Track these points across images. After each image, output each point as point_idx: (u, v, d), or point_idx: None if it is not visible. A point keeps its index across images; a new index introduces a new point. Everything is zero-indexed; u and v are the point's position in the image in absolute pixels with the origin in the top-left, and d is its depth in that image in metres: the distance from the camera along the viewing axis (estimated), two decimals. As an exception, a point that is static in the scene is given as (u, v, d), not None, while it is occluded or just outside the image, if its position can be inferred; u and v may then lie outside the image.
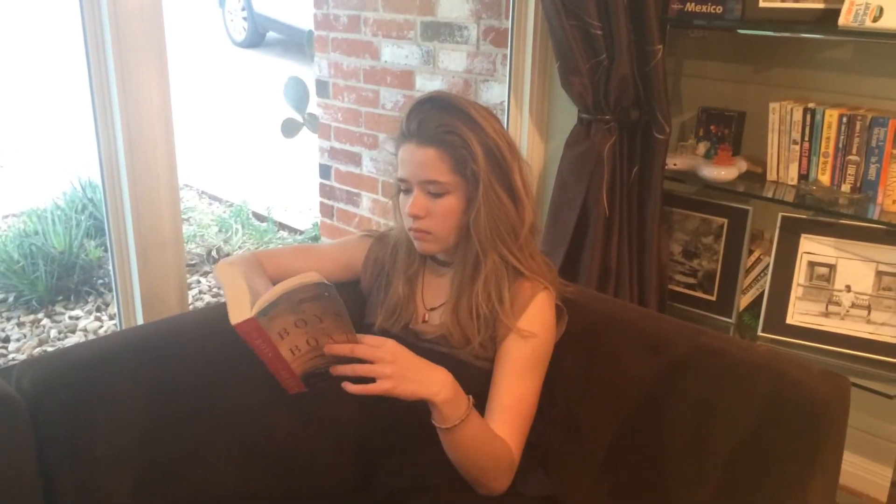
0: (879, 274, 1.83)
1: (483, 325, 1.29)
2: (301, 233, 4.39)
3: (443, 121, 1.24)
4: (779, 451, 1.18)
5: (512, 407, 1.26)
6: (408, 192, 1.29)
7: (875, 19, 1.60)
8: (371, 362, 1.07)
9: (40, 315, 3.39)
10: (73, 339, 3.25)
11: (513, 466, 1.24)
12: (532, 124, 2.28)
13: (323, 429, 1.45)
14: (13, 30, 7.04)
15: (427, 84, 2.92)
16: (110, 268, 1.70)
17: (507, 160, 1.26)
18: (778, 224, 1.93)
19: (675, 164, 2.02)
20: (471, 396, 1.16)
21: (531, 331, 1.28)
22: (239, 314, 0.96)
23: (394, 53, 3.00)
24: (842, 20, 1.65)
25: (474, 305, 1.28)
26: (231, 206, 4.75)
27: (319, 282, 0.97)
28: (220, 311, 1.40)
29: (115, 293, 1.70)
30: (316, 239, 4.05)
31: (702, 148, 2.07)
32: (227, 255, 4.03)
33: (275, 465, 1.40)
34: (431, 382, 1.11)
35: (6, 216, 4.28)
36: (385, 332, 1.35)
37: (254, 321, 0.96)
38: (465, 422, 1.14)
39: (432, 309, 1.36)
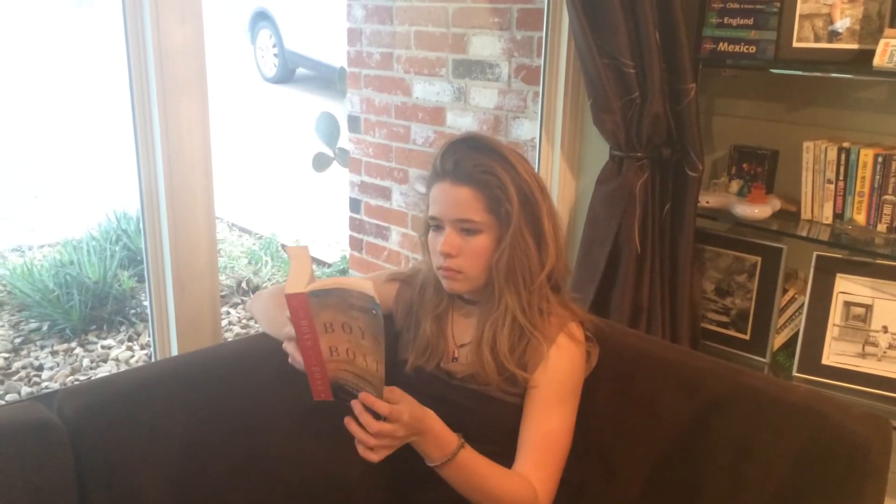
0: (917, 315, 1.80)
1: (506, 362, 1.29)
2: (329, 265, 4.42)
3: (479, 161, 1.26)
4: (818, 494, 1.16)
5: (537, 442, 1.26)
6: (438, 229, 1.30)
7: (911, 60, 1.60)
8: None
9: (73, 344, 3.43)
10: (105, 369, 3.28)
11: (535, 501, 1.23)
12: (563, 161, 2.29)
13: (354, 457, 1.44)
14: (52, 65, 7.23)
15: (458, 120, 2.95)
16: (147, 298, 1.72)
17: (539, 202, 1.28)
18: (813, 263, 1.91)
19: (707, 202, 2.02)
20: (460, 435, 1.18)
21: (555, 367, 1.28)
22: (294, 287, 1.02)
23: (425, 90, 3.04)
24: (877, 61, 1.65)
25: (496, 345, 1.29)
26: (260, 238, 4.80)
27: (372, 296, 0.99)
28: (254, 342, 1.42)
29: (150, 323, 1.72)
30: (344, 272, 4.08)
31: (734, 186, 2.07)
32: (257, 287, 4.06)
33: (308, 492, 1.41)
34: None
35: (42, 246, 4.37)
36: (419, 371, 1.37)
37: (304, 297, 1.01)
38: (452, 461, 1.16)
39: (462, 346, 1.37)
